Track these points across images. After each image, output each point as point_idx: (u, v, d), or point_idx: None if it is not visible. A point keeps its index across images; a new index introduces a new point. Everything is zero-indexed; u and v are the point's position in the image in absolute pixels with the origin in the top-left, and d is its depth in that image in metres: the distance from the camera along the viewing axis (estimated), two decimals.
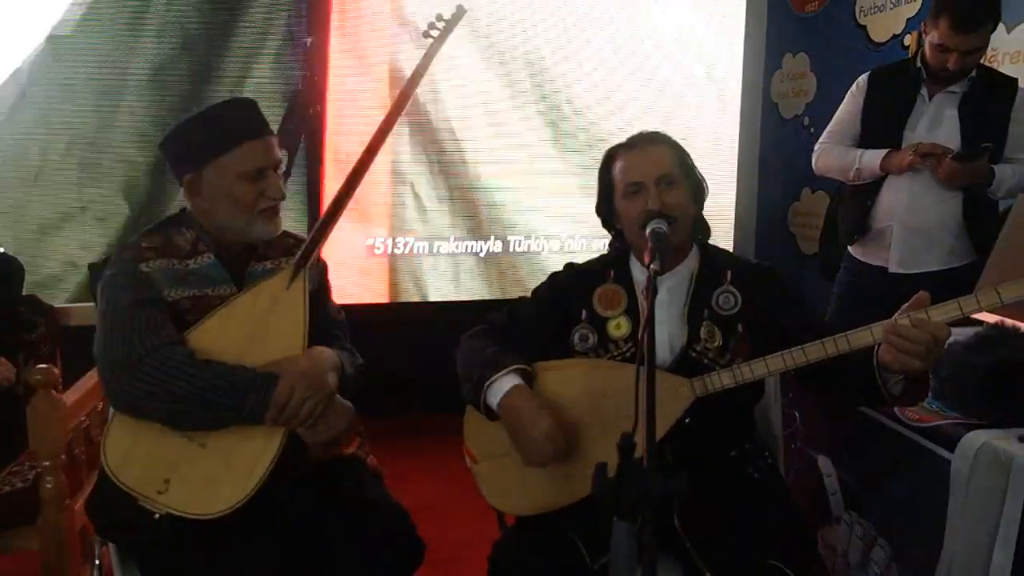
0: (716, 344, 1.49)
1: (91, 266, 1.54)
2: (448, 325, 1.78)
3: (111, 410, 1.46)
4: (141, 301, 1.43)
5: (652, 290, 1.22)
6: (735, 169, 3.86)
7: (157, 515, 1.38)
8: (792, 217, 3.96)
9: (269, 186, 1.50)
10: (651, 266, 1.30)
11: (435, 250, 3.57)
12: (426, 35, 1.84)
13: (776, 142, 3.89)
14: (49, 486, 1.74)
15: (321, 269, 1.70)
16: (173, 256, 1.49)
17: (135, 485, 1.38)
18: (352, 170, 1.64)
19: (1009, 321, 1.65)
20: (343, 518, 1.49)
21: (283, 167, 1.56)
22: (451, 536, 2.43)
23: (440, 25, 1.83)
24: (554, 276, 1.69)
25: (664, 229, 1.42)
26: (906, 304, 1.28)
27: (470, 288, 3.63)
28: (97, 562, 1.67)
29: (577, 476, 1.42)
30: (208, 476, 1.39)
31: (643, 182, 1.50)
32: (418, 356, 2.89)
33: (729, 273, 1.54)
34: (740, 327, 1.49)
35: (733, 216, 3.89)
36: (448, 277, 3.62)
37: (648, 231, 1.42)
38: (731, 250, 3.63)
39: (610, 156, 1.59)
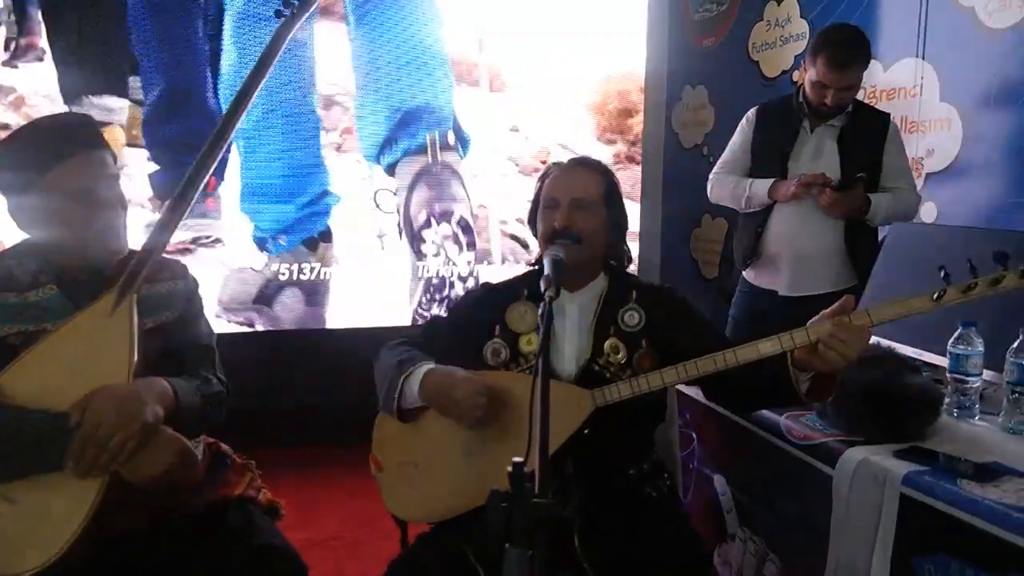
0: (620, 359, 1.54)
1: None
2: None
3: None
4: None
5: (548, 316, 1.23)
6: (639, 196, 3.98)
7: None
8: (694, 243, 4.09)
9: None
10: (546, 293, 1.31)
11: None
12: (278, 14, 1.71)
13: (678, 170, 4.01)
14: None
15: (191, 288, 1.59)
16: (10, 290, 1.38)
17: None
18: (191, 172, 1.51)
19: (885, 342, 1.75)
20: (228, 564, 1.41)
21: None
22: (354, 566, 2.38)
23: (295, 2, 1.71)
24: (468, 293, 1.76)
25: (560, 255, 1.44)
26: (828, 309, 1.37)
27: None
28: None
29: (475, 482, 1.43)
30: (18, 533, 1.27)
31: (559, 200, 1.56)
32: (331, 384, 2.83)
33: (634, 292, 1.61)
34: (644, 342, 1.56)
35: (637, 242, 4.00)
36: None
37: (546, 257, 1.44)
38: (636, 273, 3.73)
39: (547, 171, 1.65)
